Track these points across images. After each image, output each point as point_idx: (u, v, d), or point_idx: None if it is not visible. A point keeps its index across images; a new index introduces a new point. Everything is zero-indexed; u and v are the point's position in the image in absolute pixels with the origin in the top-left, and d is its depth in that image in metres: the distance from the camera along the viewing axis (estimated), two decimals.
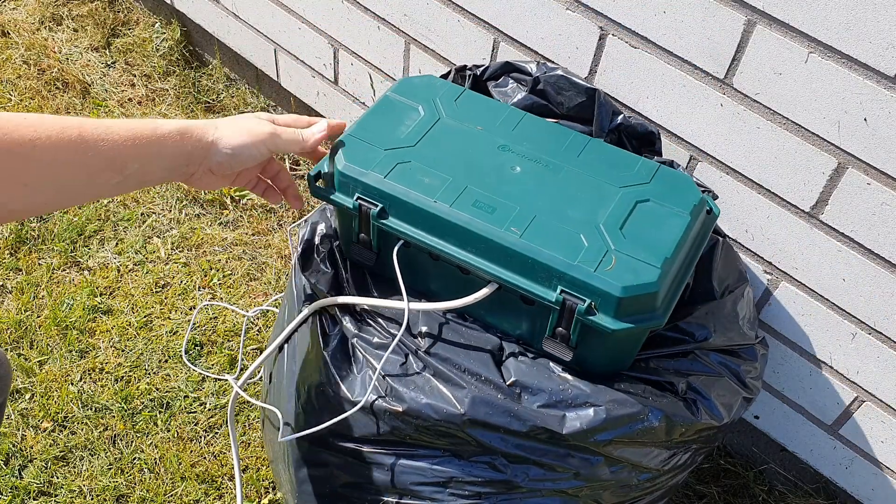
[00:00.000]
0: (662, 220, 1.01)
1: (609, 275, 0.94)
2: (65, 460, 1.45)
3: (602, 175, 1.07)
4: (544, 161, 1.08)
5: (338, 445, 1.09)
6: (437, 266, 1.07)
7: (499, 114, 1.15)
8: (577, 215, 1.01)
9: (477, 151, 1.08)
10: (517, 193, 1.03)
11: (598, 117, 1.21)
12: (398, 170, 1.04)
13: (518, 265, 0.98)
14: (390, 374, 1.03)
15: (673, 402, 1.04)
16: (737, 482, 1.51)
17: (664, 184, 1.06)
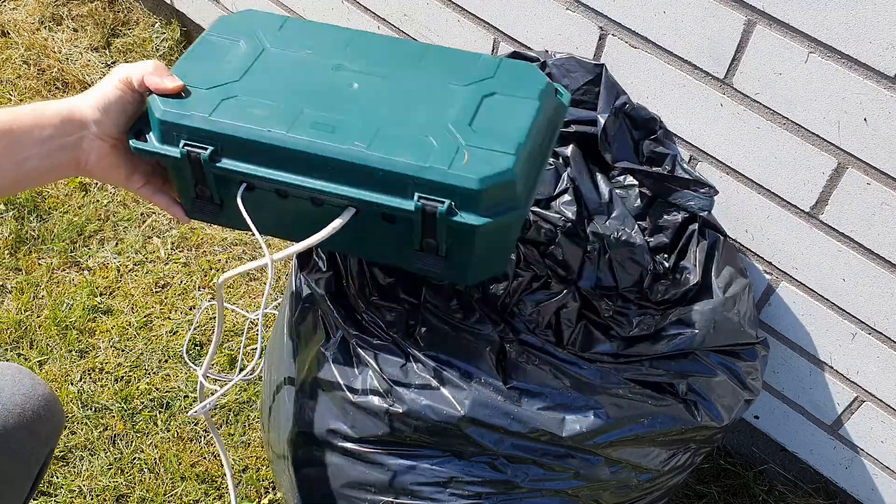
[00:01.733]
0: (511, 110, 0.97)
1: (464, 170, 0.90)
2: (65, 460, 1.45)
3: (444, 77, 1.01)
4: (383, 73, 1.01)
5: (338, 445, 1.09)
6: (288, 206, 0.98)
7: (328, 35, 1.07)
8: (423, 119, 0.95)
9: (309, 75, 1.01)
10: (358, 109, 0.96)
11: (603, 94, 1.21)
12: (224, 106, 0.95)
13: (370, 181, 0.92)
14: (390, 375, 1.03)
15: (673, 404, 1.04)
16: (737, 482, 1.51)
17: (509, 75, 1.02)
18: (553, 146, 1.00)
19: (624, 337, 1.10)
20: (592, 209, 1.23)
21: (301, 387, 1.13)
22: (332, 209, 0.96)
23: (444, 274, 0.98)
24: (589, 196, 1.24)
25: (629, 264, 1.18)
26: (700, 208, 1.17)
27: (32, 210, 1.82)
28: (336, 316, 1.10)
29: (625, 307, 1.15)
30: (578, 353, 1.08)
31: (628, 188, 1.23)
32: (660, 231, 1.21)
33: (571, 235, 1.21)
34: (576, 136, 1.25)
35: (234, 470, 1.46)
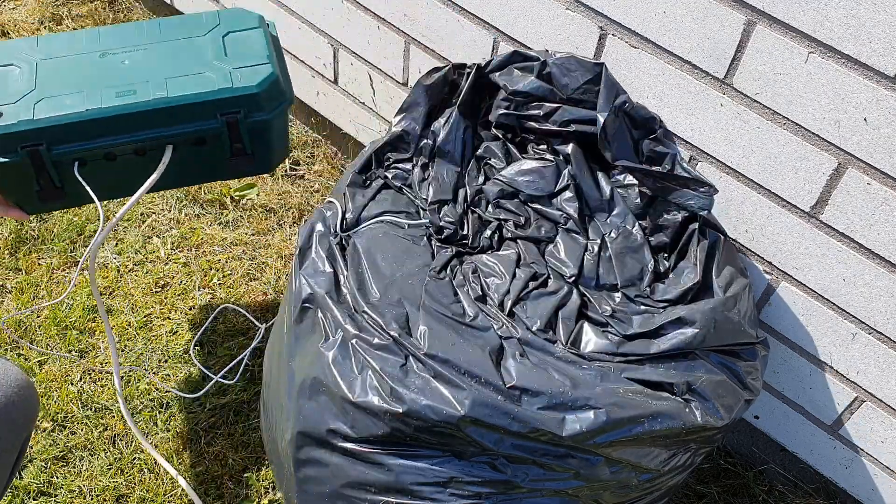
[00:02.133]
0: (246, 38, 1.28)
1: (243, 83, 1.20)
2: (64, 460, 1.45)
3: (186, 35, 1.29)
4: (140, 47, 1.27)
5: (338, 445, 1.09)
6: (118, 166, 1.22)
7: (77, 37, 1.30)
8: (192, 64, 1.23)
9: (86, 67, 1.24)
10: (141, 73, 1.22)
11: (603, 93, 1.21)
12: (39, 107, 1.17)
13: (179, 118, 1.19)
14: (390, 375, 1.03)
15: (673, 403, 1.04)
16: (737, 482, 1.51)
17: (230, 19, 1.32)
18: (280, 54, 1.30)
19: (624, 335, 1.10)
20: (593, 206, 1.24)
21: (301, 387, 1.13)
22: (154, 155, 1.21)
23: (254, 169, 1.27)
24: (590, 193, 1.24)
25: (630, 262, 1.18)
26: (700, 207, 1.17)
27: None
28: (336, 316, 1.10)
29: (625, 305, 1.15)
30: (578, 353, 1.08)
31: (628, 187, 1.23)
32: (660, 230, 1.21)
33: (572, 232, 1.21)
34: (576, 135, 1.25)
35: (234, 470, 1.46)
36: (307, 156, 2.01)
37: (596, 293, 1.17)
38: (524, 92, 1.26)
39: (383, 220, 1.21)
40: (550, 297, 1.13)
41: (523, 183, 1.25)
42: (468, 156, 1.29)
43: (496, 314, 1.10)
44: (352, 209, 1.22)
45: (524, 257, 1.19)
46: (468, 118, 1.30)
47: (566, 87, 1.24)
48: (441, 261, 1.16)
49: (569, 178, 1.24)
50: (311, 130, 2.04)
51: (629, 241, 1.20)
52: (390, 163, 1.29)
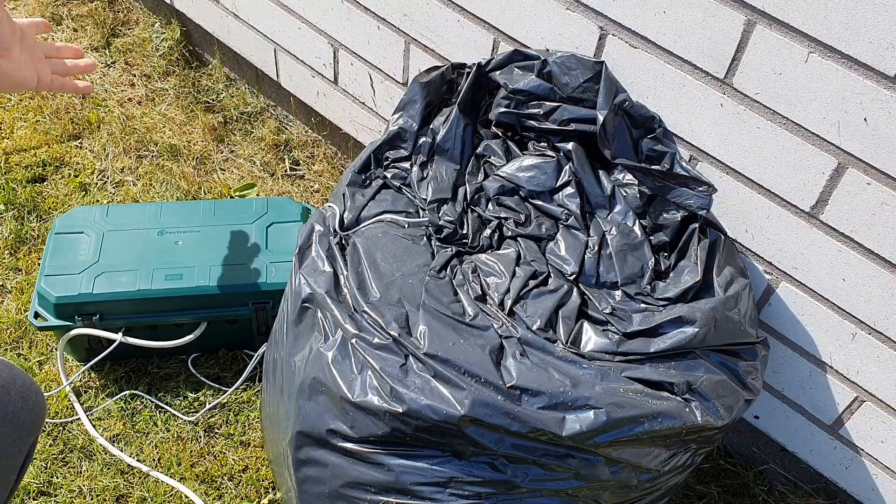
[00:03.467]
0: (289, 231, 1.49)
1: (276, 279, 1.42)
2: (65, 460, 1.45)
3: (235, 220, 1.50)
4: (194, 229, 1.48)
5: (338, 445, 1.09)
6: (157, 332, 1.45)
7: (143, 211, 1.52)
8: (236, 253, 1.44)
9: (144, 244, 1.46)
10: (189, 258, 1.43)
11: (603, 91, 1.21)
12: (98, 281, 1.39)
13: (218, 303, 1.41)
14: (390, 374, 1.03)
15: (673, 403, 1.04)
16: (737, 482, 1.51)
17: (276, 208, 1.54)
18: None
19: (623, 333, 1.10)
20: (594, 203, 1.23)
21: (300, 387, 1.12)
22: (191, 327, 1.45)
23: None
24: (591, 190, 1.24)
25: (630, 259, 1.18)
26: (699, 207, 1.17)
27: (32, 210, 1.82)
28: (335, 315, 1.10)
29: (625, 303, 1.15)
30: (578, 352, 1.08)
31: (627, 186, 1.23)
32: (659, 229, 1.21)
33: (572, 229, 1.21)
34: (576, 134, 1.25)
35: (234, 470, 1.46)
36: (307, 156, 2.01)
37: (596, 291, 1.17)
38: (524, 90, 1.26)
39: (383, 220, 1.21)
40: (550, 296, 1.13)
41: (524, 179, 1.25)
42: (468, 154, 1.29)
43: (496, 313, 1.10)
44: (351, 209, 1.22)
45: (524, 255, 1.19)
46: (468, 116, 1.30)
47: (566, 86, 1.24)
48: (441, 260, 1.16)
49: (570, 173, 1.23)
50: (311, 130, 2.04)
51: (630, 239, 1.20)
52: (389, 162, 1.29)
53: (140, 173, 1.93)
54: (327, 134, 2.00)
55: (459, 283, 1.14)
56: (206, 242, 1.45)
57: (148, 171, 1.93)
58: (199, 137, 2.03)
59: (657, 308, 1.14)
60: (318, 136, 2.03)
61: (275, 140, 2.02)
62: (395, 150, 1.29)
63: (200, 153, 1.99)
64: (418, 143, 1.28)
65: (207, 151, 2.00)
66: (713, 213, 1.26)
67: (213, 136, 2.03)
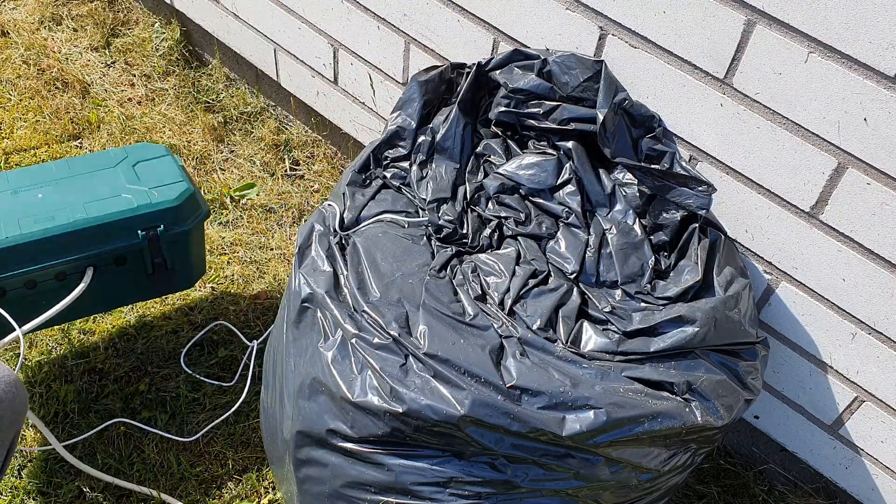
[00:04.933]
0: (157, 166, 1.37)
1: (160, 199, 1.29)
2: (64, 460, 1.45)
3: (96, 168, 1.35)
4: (52, 182, 1.31)
5: (338, 445, 1.09)
6: (39, 294, 1.27)
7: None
8: (108, 190, 1.30)
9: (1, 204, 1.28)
10: (57, 202, 1.27)
11: (603, 90, 1.21)
12: None
13: (102, 237, 1.25)
14: (390, 374, 1.03)
15: (673, 403, 1.04)
16: (737, 482, 1.51)
17: (136, 150, 1.40)
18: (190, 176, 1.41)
19: (623, 332, 1.10)
20: (595, 201, 1.23)
21: (300, 387, 1.12)
22: (75, 280, 1.27)
23: (175, 286, 1.38)
24: (591, 188, 1.23)
25: (630, 258, 1.18)
26: (698, 206, 1.17)
27: None
28: (335, 315, 1.09)
29: (625, 302, 1.15)
30: (578, 351, 1.08)
31: (627, 186, 1.23)
32: (659, 229, 1.21)
33: (573, 227, 1.21)
34: (576, 133, 1.25)
35: (234, 470, 1.46)
36: (307, 156, 2.01)
37: (596, 290, 1.17)
38: (524, 90, 1.26)
39: (383, 220, 1.21)
40: (550, 295, 1.13)
41: (524, 177, 1.24)
42: (467, 153, 1.29)
43: (496, 313, 1.10)
44: (351, 208, 1.22)
45: (524, 255, 1.19)
46: (468, 116, 1.30)
47: (566, 85, 1.24)
48: (441, 260, 1.16)
49: (571, 171, 1.23)
50: (311, 130, 2.04)
51: (630, 238, 1.20)
52: (388, 162, 1.29)
53: None
54: (327, 134, 2.00)
55: (459, 283, 1.14)
56: (72, 189, 1.30)
57: None
58: (198, 137, 2.03)
59: (657, 307, 1.14)
60: (317, 136, 2.03)
61: (275, 140, 2.02)
62: (394, 148, 1.29)
63: (200, 153, 1.99)
64: (417, 141, 1.28)
65: (207, 151, 2.00)
66: (713, 212, 1.26)
67: (212, 136, 2.03)
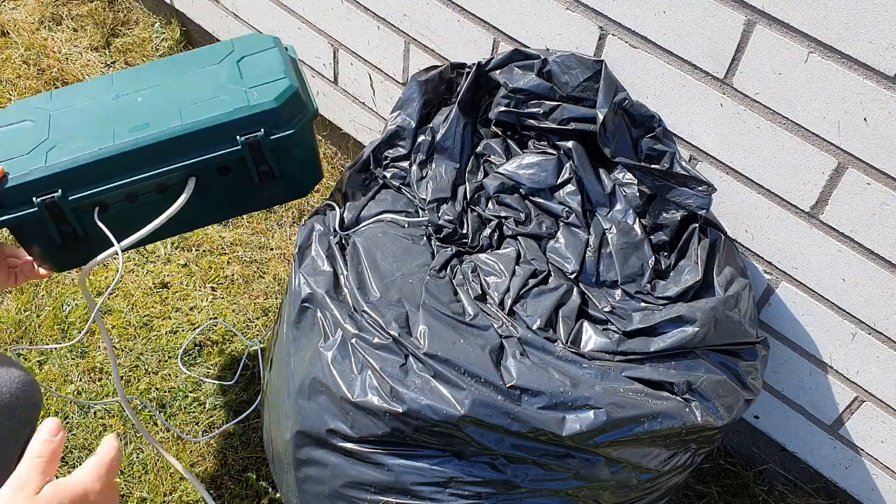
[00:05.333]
0: (261, 59, 1.22)
1: (260, 100, 1.13)
2: (64, 460, 1.45)
3: (200, 65, 1.23)
4: (154, 85, 1.20)
5: (338, 445, 1.09)
6: (140, 208, 1.15)
7: (93, 84, 1.24)
8: (206, 91, 1.17)
9: (101, 109, 1.18)
10: (154, 108, 1.16)
11: (603, 90, 1.21)
12: (51, 154, 1.10)
13: (197, 145, 1.11)
14: (390, 374, 1.03)
15: (673, 403, 1.04)
16: (737, 482, 1.51)
17: (244, 45, 1.26)
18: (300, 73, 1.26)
19: (623, 331, 1.10)
20: (595, 201, 1.23)
21: (300, 387, 1.12)
22: (178, 192, 1.14)
23: (287, 194, 1.22)
24: (591, 188, 1.23)
25: (630, 258, 1.18)
26: (698, 206, 1.17)
27: None
28: (335, 315, 1.09)
29: (625, 302, 1.15)
30: (578, 351, 1.08)
31: (627, 185, 1.23)
32: (659, 229, 1.21)
33: (573, 227, 1.21)
34: (576, 133, 1.25)
35: (233, 470, 1.46)
36: None
37: (596, 290, 1.17)
38: (524, 89, 1.26)
39: (383, 220, 1.21)
40: (550, 295, 1.13)
41: (525, 176, 1.24)
42: (467, 153, 1.29)
43: (496, 313, 1.10)
44: (351, 208, 1.22)
45: (524, 254, 1.19)
46: (468, 115, 1.30)
47: (566, 85, 1.24)
48: (441, 260, 1.16)
49: (571, 171, 1.23)
50: None
51: (630, 237, 1.20)
52: (388, 161, 1.29)
53: None
54: (327, 134, 2.00)
55: (459, 283, 1.14)
56: (172, 91, 1.19)
57: None
58: None
59: (657, 307, 1.14)
60: (317, 136, 2.03)
61: None
62: (394, 148, 1.29)
63: None
64: (417, 141, 1.28)
65: None
66: (713, 212, 1.25)
67: None
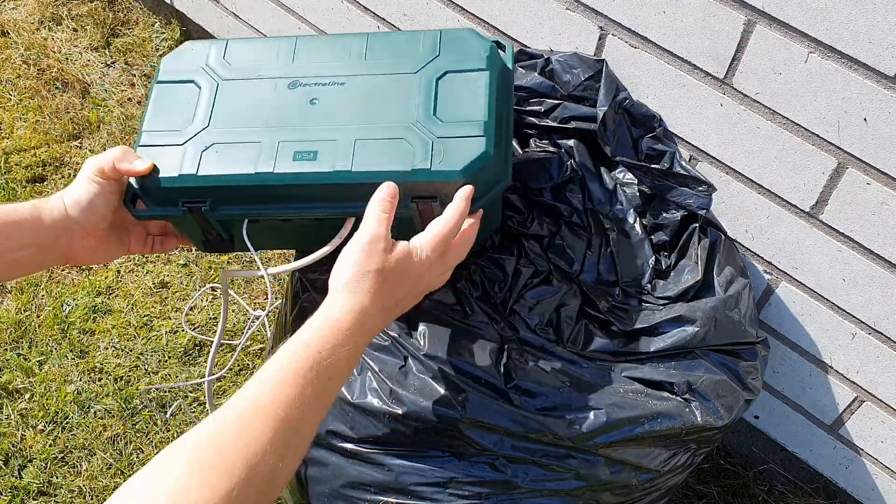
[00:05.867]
0: (466, 87, 1.00)
1: (444, 165, 0.94)
2: (64, 460, 1.45)
3: (394, 67, 1.04)
4: (336, 80, 1.04)
5: (337, 446, 1.09)
6: (291, 226, 1.05)
7: (272, 51, 1.09)
8: (390, 120, 0.99)
9: (270, 102, 1.04)
10: (328, 126, 1.00)
11: (603, 89, 1.21)
12: (206, 158, 0.99)
13: (363, 194, 0.94)
14: (390, 376, 1.03)
15: (673, 403, 1.04)
16: (737, 482, 1.51)
17: (452, 48, 1.04)
18: (512, 103, 1.05)
19: (624, 332, 1.10)
20: (596, 199, 1.23)
21: None
22: (334, 223, 1.00)
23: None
24: (592, 186, 1.23)
25: (631, 258, 1.18)
26: (698, 206, 1.17)
27: None
28: None
29: (625, 302, 1.15)
30: (578, 352, 1.08)
31: (627, 185, 1.23)
32: (659, 229, 1.21)
33: (575, 226, 1.21)
34: (576, 132, 1.25)
35: None
36: None
37: (596, 289, 1.17)
38: (526, 87, 1.26)
39: None
40: (552, 296, 1.13)
41: (526, 174, 1.24)
42: None
43: (496, 313, 1.10)
44: None
45: (526, 254, 1.19)
46: None
47: (567, 84, 1.24)
48: None
49: (572, 170, 1.23)
50: None
51: (630, 237, 1.20)
52: None
53: None
54: None
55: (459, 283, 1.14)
56: (353, 102, 1.02)
57: None
58: None
59: (657, 307, 1.14)
60: None
61: None
62: None
63: None
64: None
65: None
66: (713, 212, 1.25)
67: None
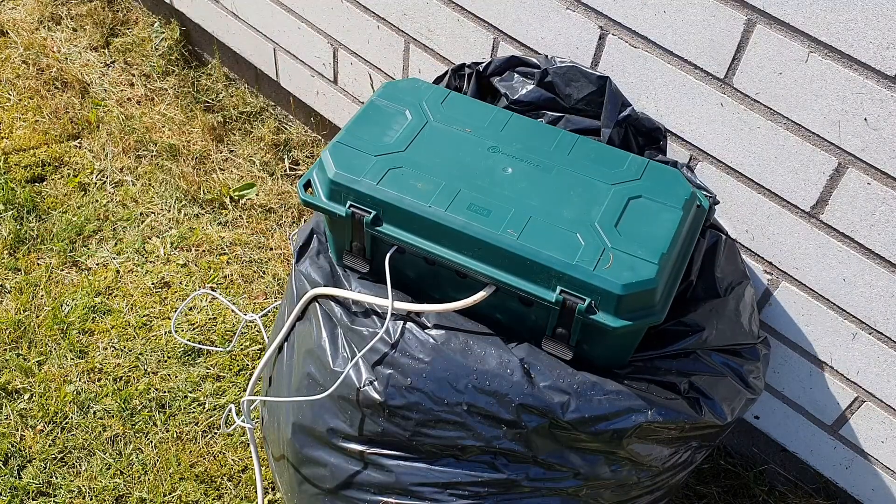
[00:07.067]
0: (655, 216, 1.02)
1: (608, 273, 0.94)
2: (63, 461, 1.45)
3: (593, 172, 1.07)
4: (535, 161, 1.08)
5: (338, 445, 1.09)
6: (432, 270, 1.07)
7: (486, 115, 1.15)
8: (571, 214, 1.01)
9: (467, 154, 1.08)
10: (510, 195, 1.03)
11: (608, 107, 1.21)
12: (390, 175, 1.04)
13: (516, 267, 0.98)
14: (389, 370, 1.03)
15: (676, 399, 1.04)
16: (737, 482, 1.51)
17: (655, 179, 1.07)
18: (690, 253, 1.06)
19: None
20: None
21: (299, 385, 1.12)
22: (474, 282, 1.03)
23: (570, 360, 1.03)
24: None
25: None
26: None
27: (31, 210, 1.82)
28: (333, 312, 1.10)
29: None
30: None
31: None
32: None
33: None
34: None
35: (233, 470, 1.46)
36: (307, 155, 2.01)
37: None
38: (526, 101, 1.26)
39: None
40: None
41: None
42: None
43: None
44: None
45: None
46: None
47: (569, 97, 1.24)
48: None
49: None
50: (311, 130, 2.04)
51: None
52: None
53: (139, 173, 1.93)
54: (327, 133, 2.00)
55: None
56: (541, 184, 1.04)
57: (147, 170, 1.93)
58: (198, 137, 2.03)
59: None
60: (317, 136, 2.03)
61: (274, 140, 2.02)
62: None
63: (200, 153, 1.99)
64: None
65: (207, 151, 2.00)
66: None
67: (212, 136, 2.03)
